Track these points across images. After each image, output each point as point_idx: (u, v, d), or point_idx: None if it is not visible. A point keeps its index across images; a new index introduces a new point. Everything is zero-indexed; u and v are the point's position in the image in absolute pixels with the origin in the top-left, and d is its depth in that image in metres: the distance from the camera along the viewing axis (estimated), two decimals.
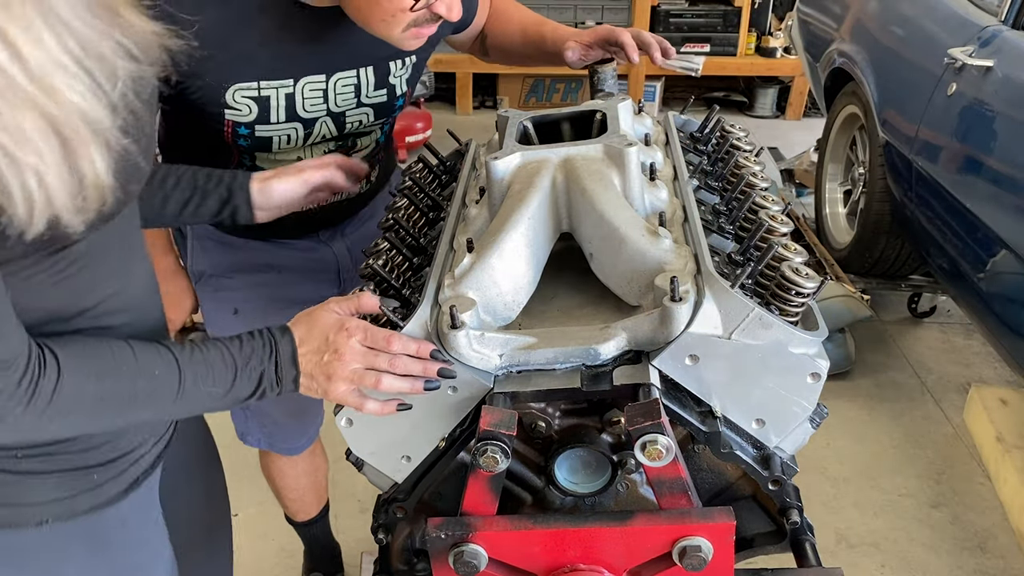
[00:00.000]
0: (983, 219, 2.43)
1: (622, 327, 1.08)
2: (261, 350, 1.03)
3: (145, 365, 0.96)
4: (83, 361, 0.92)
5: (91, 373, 0.92)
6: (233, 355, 1.01)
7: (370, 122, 1.58)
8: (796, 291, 1.07)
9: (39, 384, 0.88)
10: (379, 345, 1.05)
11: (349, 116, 1.54)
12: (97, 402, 0.93)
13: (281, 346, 1.03)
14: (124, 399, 0.95)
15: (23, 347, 0.87)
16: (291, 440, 1.98)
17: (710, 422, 1.09)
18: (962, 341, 3.42)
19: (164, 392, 0.97)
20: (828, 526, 2.52)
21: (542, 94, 5.96)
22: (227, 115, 1.43)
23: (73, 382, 0.90)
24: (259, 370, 1.02)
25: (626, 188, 1.21)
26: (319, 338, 1.05)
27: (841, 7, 3.68)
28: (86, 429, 0.99)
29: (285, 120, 1.47)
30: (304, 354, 1.04)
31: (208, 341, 1.02)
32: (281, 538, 2.47)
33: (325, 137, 1.54)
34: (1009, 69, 2.47)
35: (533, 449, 1.16)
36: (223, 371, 1.00)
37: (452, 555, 1.07)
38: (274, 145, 1.50)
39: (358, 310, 1.10)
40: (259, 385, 1.03)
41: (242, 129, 1.45)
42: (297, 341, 1.04)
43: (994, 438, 2.69)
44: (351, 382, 1.05)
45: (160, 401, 0.98)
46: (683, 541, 1.04)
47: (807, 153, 4.47)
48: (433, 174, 1.56)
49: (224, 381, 1.00)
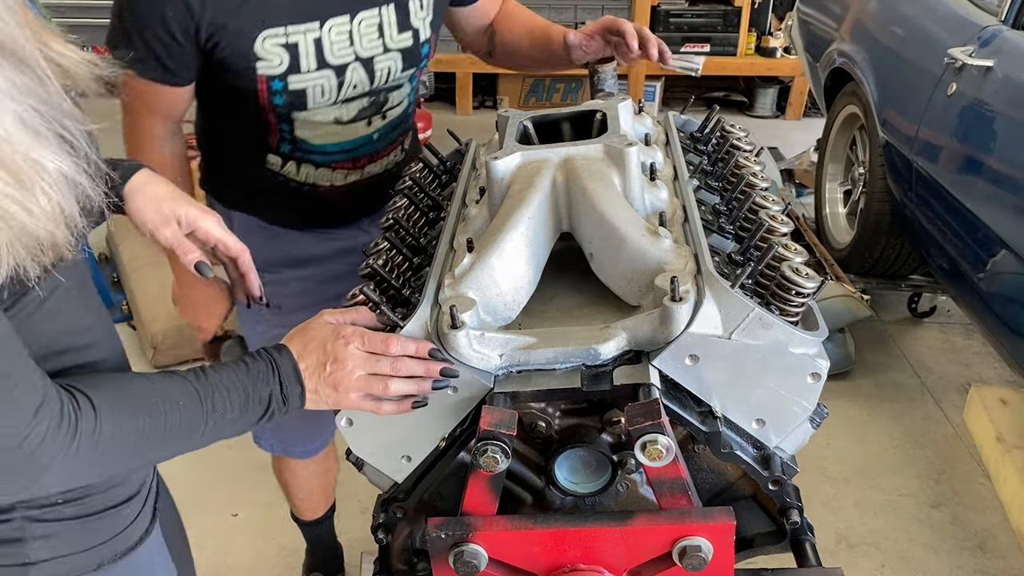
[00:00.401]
0: (983, 219, 2.43)
1: (622, 327, 1.08)
2: (265, 370, 1.01)
3: (170, 396, 0.95)
4: (115, 398, 0.91)
5: (126, 409, 0.91)
6: (241, 379, 1.00)
7: (399, 71, 1.60)
8: (796, 291, 1.07)
9: (79, 426, 0.87)
10: (378, 349, 1.05)
11: (378, 63, 1.56)
12: (140, 437, 0.92)
13: (282, 364, 1.02)
14: (160, 431, 0.94)
15: (50, 390, 0.85)
16: (305, 444, 1.99)
17: (710, 422, 1.09)
18: (962, 341, 3.41)
19: (193, 421, 0.96)
20: (828, 526, 2.52)
21: (542, 94, 5.96)
22: (259, 69, 1.45)
23: (112, 420, 0.89)
24: (267, 392, 1.01)
25: (626, 188, 1.21)
26: (317, 350, 1.04)
27: (841, 7, 3.68)
28: (132, 465, 0.99)
29: (316, 68, 1.49)
30: (306, 368, 1.03)
31: (216, 366, 1.01)
32: (281, 538, 2.47)
33: (357, 88, 1.56)
34: (1009, 69, 2.47)
35: (533, 449, 1.16)
36: (237, 396, 0.99)
37: (452, 555, 1.07)
38: (309, 100, 1.52)
39: (354, 322, 1.09)
40: (268, 407, 1.01)
41: (276, 84, 1.47)
42: (296, 356, 1.03)
43: (994, 438, 2.69)
44: (359, 390, 1.04)
45: (191, 431, 0.97)
46: (683, 541, 1.04)
47: (807, 153, 4.47)
48: (433, 174, 1.56)
49: (238, 406, 0.99)
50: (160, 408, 0.94)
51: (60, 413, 0.85)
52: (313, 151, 1.62)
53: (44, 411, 0.84)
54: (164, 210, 1.13)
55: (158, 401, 0.94)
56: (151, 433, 0.93)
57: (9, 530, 0.96)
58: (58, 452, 0.85)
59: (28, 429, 0.83)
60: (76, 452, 0.87)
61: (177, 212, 1.14)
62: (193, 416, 0.96)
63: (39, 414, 0.83)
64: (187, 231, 1.15)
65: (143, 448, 0.94)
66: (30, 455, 0.84)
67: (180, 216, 1.14)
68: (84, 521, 1.01)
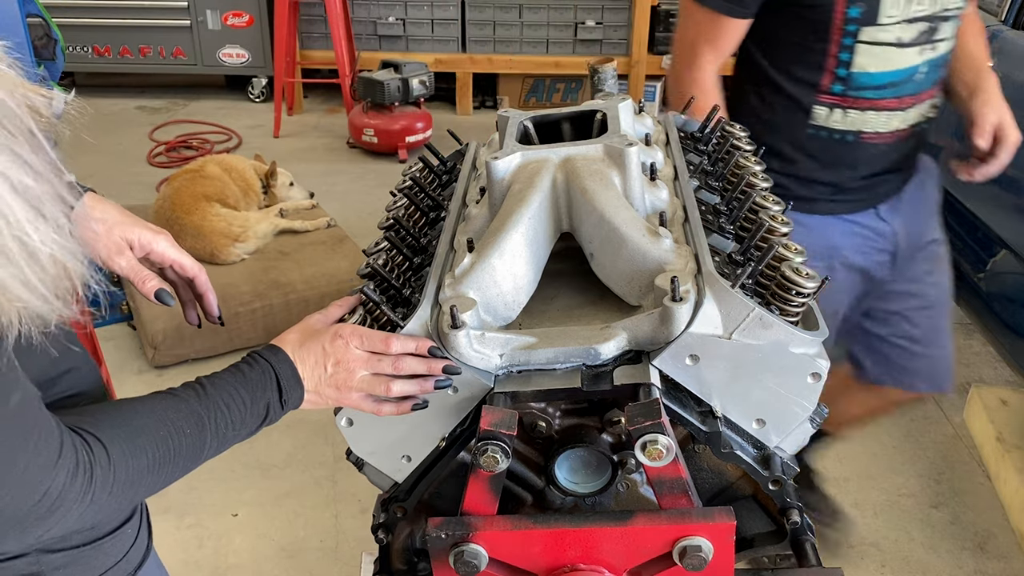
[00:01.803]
0: (983, 219, 2.43)
1: (622, 327, 1.08)
2: (262, 378, 0.99)
3: (176, 424, 0.93)
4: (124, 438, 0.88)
5: (136, 448, 0.89)
6: (240, 391, 0.97)
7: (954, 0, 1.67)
8: (796, 291, 1.07)
9: (94, 473, 0.84)
10: (378, 348, 1.04)
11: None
12: (149, 472, 0.90)
13: (280, 369, 1.00)
14: (169, 463, 0.92)
15: (65, 438, 0.82)
16: None
17: (710, 422, 1.09)
18: (962, 341, 3.42)
19: (197, 445, 0.95)
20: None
21: (542, 94, 5.97)
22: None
23: (124, 462, 0.87)
24: (264, 401, 0.99)
25: (626, 188, 1.21)
26: (315, 351, 1.02)
27: None
28: (143, 497, 0.96)
29: None
30: (305, 370, 1.01)
31: (214, 380, 0.98)
32: (281, 538, 2.48)
33: (922, 5, 1.62)
34: (1009, 69, 2.47)
35: (533, 449, 1.16)
36: (238, 410, 0.97)
37: (452, 555, 1.07)
38: (882, 10, 1.57)
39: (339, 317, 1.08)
40: (266, 415, 1.00)
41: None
42: (293, 359, 1.01)
43: (994, 438, 2.69)
44: (361, 390, 1.03)
45: (196, 455, 0.95)
46: (683, 541, 1.04)
47: None
48: (433, 174, 1.56)
49: (239, 420, 0.97)
50: (168, 441, 0.91)
51: (76, 462, 0.82)
52: (864, 87, 1.67)
53: (62, 462, 0.81)
54: (115, 237, 1.08)
55: (166, 433, 0.91)
56: (161, 467, 0.91)
57: (25, 565, 0.94)
58: (75, 502, 0.83)
59: (48, 482, 0.80)
60: (92, 499, 0.84)
61: (129, 237, 1.09)
62: (198, 441, 0.94)
63: (58, 465, 0.80)
64: (141, 255, 1.11)
65: (153, 481, 0.92)
66: (49, 507, 0.81)
67: (132, 240, 1.09)
68: (96, 545, 1.00)
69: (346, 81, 5.49)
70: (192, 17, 5.98)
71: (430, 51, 5.86)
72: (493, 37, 5.79)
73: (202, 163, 3.89)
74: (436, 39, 5.89)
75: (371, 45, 5.91)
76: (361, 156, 5.32)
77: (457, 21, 5.83)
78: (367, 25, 5.90)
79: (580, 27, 5.54)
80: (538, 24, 5.64)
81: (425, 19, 5.86)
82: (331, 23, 5.37)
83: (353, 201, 4.66)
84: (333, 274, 3.60)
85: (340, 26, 5.38)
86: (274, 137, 5.61)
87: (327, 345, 1.02)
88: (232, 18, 6.00)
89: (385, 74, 5.10)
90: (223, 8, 5.97)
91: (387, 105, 5.12)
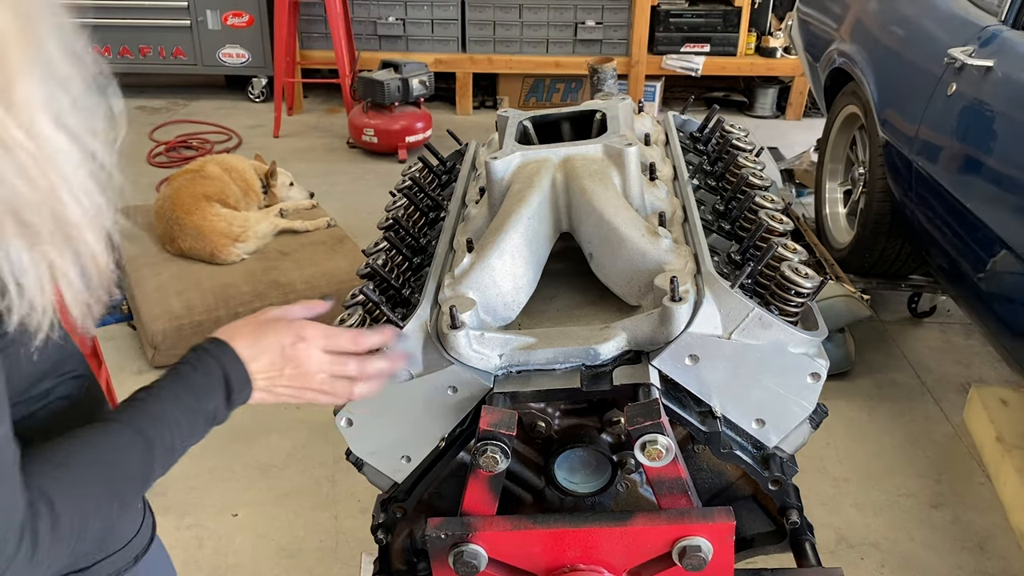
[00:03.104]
0: (983, 219, 2.43)
1: (622, 327, 1.08)
2: (208, 382, 0.92)
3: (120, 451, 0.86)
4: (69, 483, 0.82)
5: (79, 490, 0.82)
6: (184, 400, 0.91)
7: None
8: (796, 291, 1.07)
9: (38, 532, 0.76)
10: (346, 347, 0.99)
11: None
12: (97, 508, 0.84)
13: (230, 370, 0.94)
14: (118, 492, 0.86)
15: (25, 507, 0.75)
16: None
17: (710, 422, 1.09)
18: (962, 341, 3.41)
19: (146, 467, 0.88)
20: (828, 526, 2.52)
21: (542, 94, 5.96)
22: None
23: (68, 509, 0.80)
24: (212, 405, 0.93)
25: (626, 188, 1.21)
26: (272, 351, 0.96)
27: (841, 7, 3.68)
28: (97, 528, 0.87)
29: None
30: (258, 371, 0.95)
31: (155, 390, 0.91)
32: (281, 538, 2.47)
33: None
34: (1009, 69, 2.46)
35: (533, 449, 1.16)
36: (185, 419, 0.91)
37: (452, 555, 1.07)
38: None
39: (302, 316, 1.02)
40: (214, 418, 0.94)
41: None
42: (244, 359, 0.95)
43: (994, 438, 2.69)
44: (323, 392, 0.99)
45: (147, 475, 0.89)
46: (683, 541, 1.04)
47: (807, 153, 4.47)
48: (433, 174, 1.56)
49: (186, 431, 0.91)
50: (112, 470, 0.85)
51: (20, 525, 0.75)
52: None
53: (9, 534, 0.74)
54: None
55: (112, 470, 0.85)
56: (110, 499, 0.85)
57: None
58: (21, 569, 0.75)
59: None
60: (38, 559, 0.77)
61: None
62: (145, 466, 0.88)
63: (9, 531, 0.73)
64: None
65: (103, 514, 0.85)
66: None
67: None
68: None
69: (346, 81, 5.49)
70: (192, 17, 5.97)
71: (430, 51, 5.86)
72: (493, 37, 5.79)
73: (202, 163, 3.89)
74: (436, 39, 5.89)
75: (371, 45, 5.91)
76: (361, 156, 5.32)
77: (457, 21, 5.83)
78: (367, 25, 5.90)
79: (580, 27, 5.55)
80: (538, 24, 5.65)
81: (425, 19, 5.86)
82: (331, 23, 5.37)
83: (353, 201, 4.66)
84: (333, 274, 3.59)
85: (340, 26, 5.38)
86: (274, 137, 5.61)
87: (288, 348, 0.97)
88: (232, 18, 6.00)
89: (385, 74, 5.10)
90: (223, 8, 5.97)
91: (387, 105, 5.12)
